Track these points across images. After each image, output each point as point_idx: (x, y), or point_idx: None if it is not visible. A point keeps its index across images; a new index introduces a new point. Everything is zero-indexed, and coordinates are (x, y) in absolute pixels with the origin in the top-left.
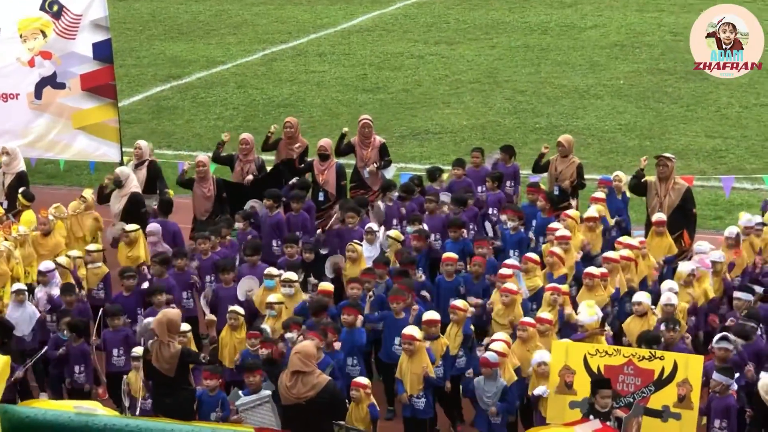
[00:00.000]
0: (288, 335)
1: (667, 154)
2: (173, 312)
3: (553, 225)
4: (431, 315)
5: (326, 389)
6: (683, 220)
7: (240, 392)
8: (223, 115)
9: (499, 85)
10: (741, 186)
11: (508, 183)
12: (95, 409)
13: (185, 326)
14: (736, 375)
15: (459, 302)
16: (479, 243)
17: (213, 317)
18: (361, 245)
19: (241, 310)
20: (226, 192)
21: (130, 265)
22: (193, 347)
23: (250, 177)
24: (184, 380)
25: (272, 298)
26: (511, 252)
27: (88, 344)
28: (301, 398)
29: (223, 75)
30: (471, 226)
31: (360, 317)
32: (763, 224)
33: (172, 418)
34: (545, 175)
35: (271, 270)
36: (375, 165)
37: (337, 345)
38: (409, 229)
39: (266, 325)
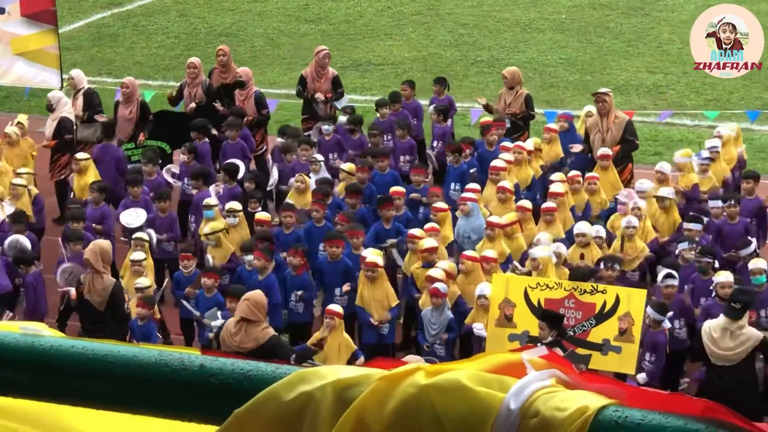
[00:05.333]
0: (247, 258)
1: (603, 89)
2: (105, 242)
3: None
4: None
5: (266, 345)
6: (627, 153)
7: (219, 313)
8: (164, 43)
9: (441, 17)
10: (681, 122)
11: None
12: (41, 330)
13: (141, 255)
14: (670, 314)
15: (416, 231)
16: (416, 171)
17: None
18: (309, 177)
19: (146, 237)
20: (171, 120)
21: (82, 194)
22: (150, 276)
23: (192, 105)
24: (114, 316)
25: (207, 229)
26: (452, 185)
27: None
28: (241, 349)
29: (164, 3)
30: (407, 157)
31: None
32: (710, 159)
33: None
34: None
35: (209, 200)
36: (325, 96)
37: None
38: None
39: (209, 255)
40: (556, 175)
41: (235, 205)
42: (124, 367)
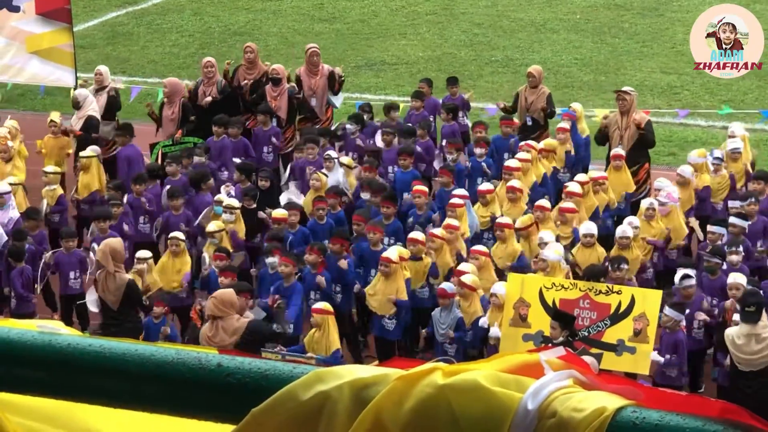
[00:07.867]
0: (269, 260)
1: (626, 88)
2: (115, 240)
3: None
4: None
5: (250, 330)
6: (644, 153)
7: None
8: (178, 42)
9: (455, 17)
10: (695, 122)
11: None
12: (58, 329)
13: (146, 253)
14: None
15: (437, 230)
16: (443, 172)
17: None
18: (326, 175)
19: (182, 236)
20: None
21: (83, 191)
22: (154, 275)
23: (208, 99)
24: (129, 313)
25: (212, 226)
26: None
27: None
28: (227, 345)
29: (179, 1)
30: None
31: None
32: (721, 159)
33: None
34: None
35: (220, 197)
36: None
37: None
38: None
39: (205, 253)
40: (580, 176)
41: (233, 202)
42: (141, 365)
